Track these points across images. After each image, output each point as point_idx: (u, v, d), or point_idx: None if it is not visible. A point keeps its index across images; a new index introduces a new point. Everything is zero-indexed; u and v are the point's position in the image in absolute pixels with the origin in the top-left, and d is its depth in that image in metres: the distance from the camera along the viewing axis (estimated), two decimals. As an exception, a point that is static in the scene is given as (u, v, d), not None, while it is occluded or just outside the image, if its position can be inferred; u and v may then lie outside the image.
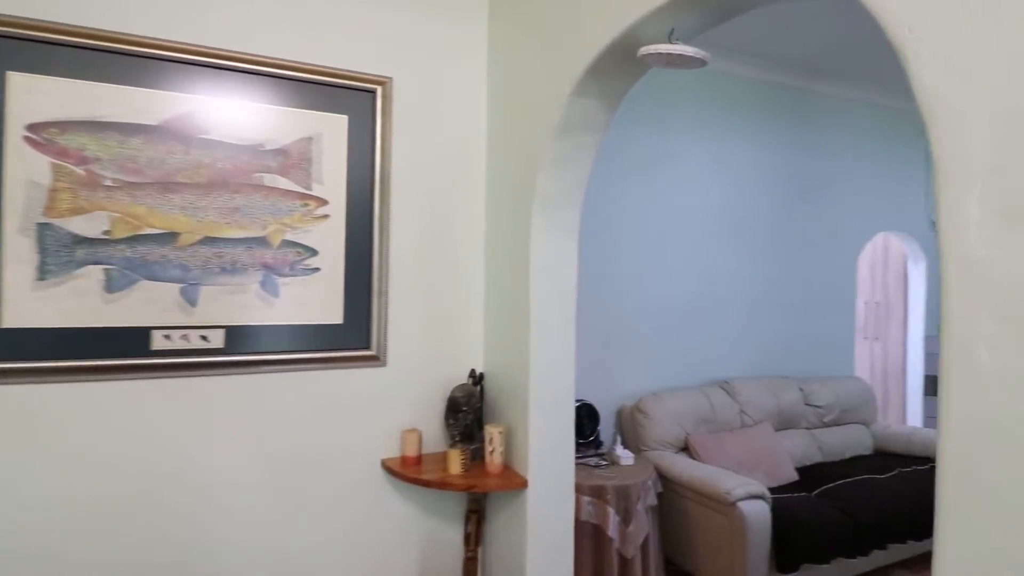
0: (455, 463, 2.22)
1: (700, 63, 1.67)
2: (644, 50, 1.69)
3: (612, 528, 2.87)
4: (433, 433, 2.45)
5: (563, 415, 2.24)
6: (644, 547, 2.94)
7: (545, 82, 2.11)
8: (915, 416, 4.68)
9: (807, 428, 3.90)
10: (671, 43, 1.66)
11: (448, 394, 2.41)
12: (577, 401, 2.43)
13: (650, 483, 3.01)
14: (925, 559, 3.39)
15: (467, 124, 2.54)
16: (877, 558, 3.19)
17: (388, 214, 2.38)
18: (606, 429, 3.55)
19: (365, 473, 2.35)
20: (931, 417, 4.61)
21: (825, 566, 2.99)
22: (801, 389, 3.92)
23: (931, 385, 4.65)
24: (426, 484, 2.22)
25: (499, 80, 2.48)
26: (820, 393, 3.94)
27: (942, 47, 1.02)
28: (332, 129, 2.32)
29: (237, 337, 2.16)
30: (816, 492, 3.29)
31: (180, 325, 2.08)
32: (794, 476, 3.49)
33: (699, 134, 3.85)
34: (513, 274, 2.29)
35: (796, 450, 3.73)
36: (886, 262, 4.88)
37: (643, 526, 2.97)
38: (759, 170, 4.06)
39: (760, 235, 4.06)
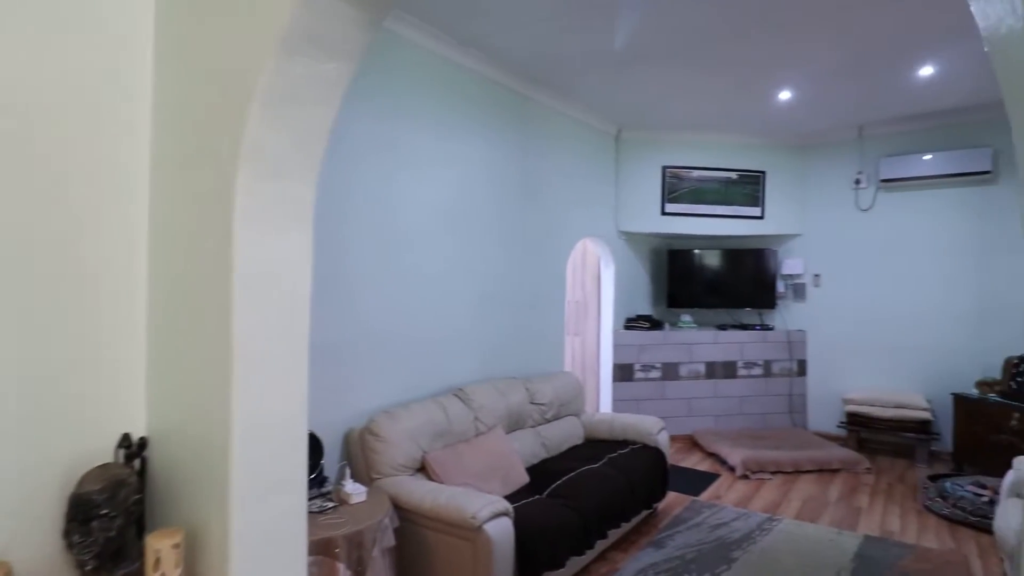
0: (82, 618, 1.12)
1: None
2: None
3: (343, 589, 2.12)
4: (39, 563, 1.26)
5: (291, 498, 1.31)
6: (380, 596, 2.26)
7: (262, -38, 1.16)
8: (607, 402, 4.89)
9: (532, 426, 3.66)
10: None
11: (72, 489, 1.24)
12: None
13: (387, 521, 2.40)
14: (632, 536, 3.43)
15: (119, 20, 1.39)
16: (598, 547, 3.07)
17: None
18: (331, 461, 2.69)
19: None
20: (619, 400, 4.87)
21: (562, 570, 2.72)
22: (527, 388, 3.66)
23: (618, 372, 4.91)
24: None
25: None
26: (543, 390, 3.74)
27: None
28: None
29: None
30: (547, 493, 3.03)
31: None
32: (526, 478, 3.19)
33: (427, 124, 3.24)
34: (202, 278, 1.27)
35: (525, 450, 3.47)
36: (584, 264, 5.01)
37: (380, 575, 2.30)
38: (484, 168, 3.65)
39: (484, 233, 3.67)
